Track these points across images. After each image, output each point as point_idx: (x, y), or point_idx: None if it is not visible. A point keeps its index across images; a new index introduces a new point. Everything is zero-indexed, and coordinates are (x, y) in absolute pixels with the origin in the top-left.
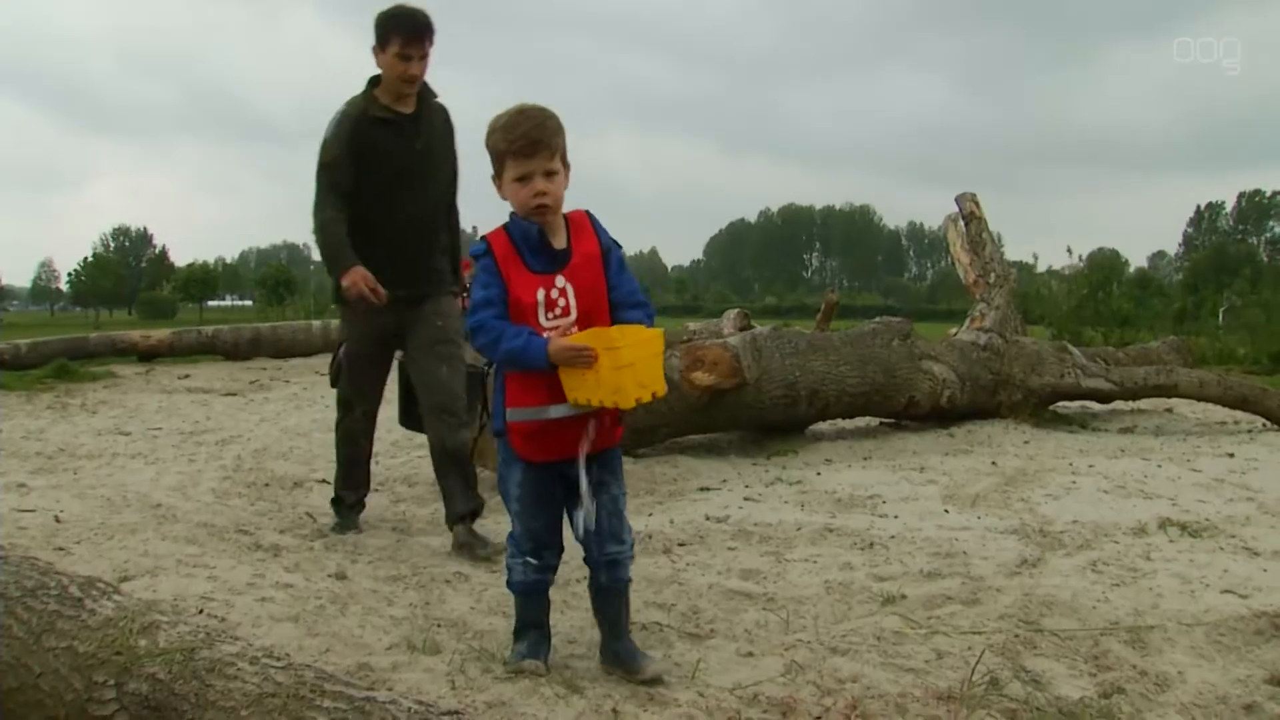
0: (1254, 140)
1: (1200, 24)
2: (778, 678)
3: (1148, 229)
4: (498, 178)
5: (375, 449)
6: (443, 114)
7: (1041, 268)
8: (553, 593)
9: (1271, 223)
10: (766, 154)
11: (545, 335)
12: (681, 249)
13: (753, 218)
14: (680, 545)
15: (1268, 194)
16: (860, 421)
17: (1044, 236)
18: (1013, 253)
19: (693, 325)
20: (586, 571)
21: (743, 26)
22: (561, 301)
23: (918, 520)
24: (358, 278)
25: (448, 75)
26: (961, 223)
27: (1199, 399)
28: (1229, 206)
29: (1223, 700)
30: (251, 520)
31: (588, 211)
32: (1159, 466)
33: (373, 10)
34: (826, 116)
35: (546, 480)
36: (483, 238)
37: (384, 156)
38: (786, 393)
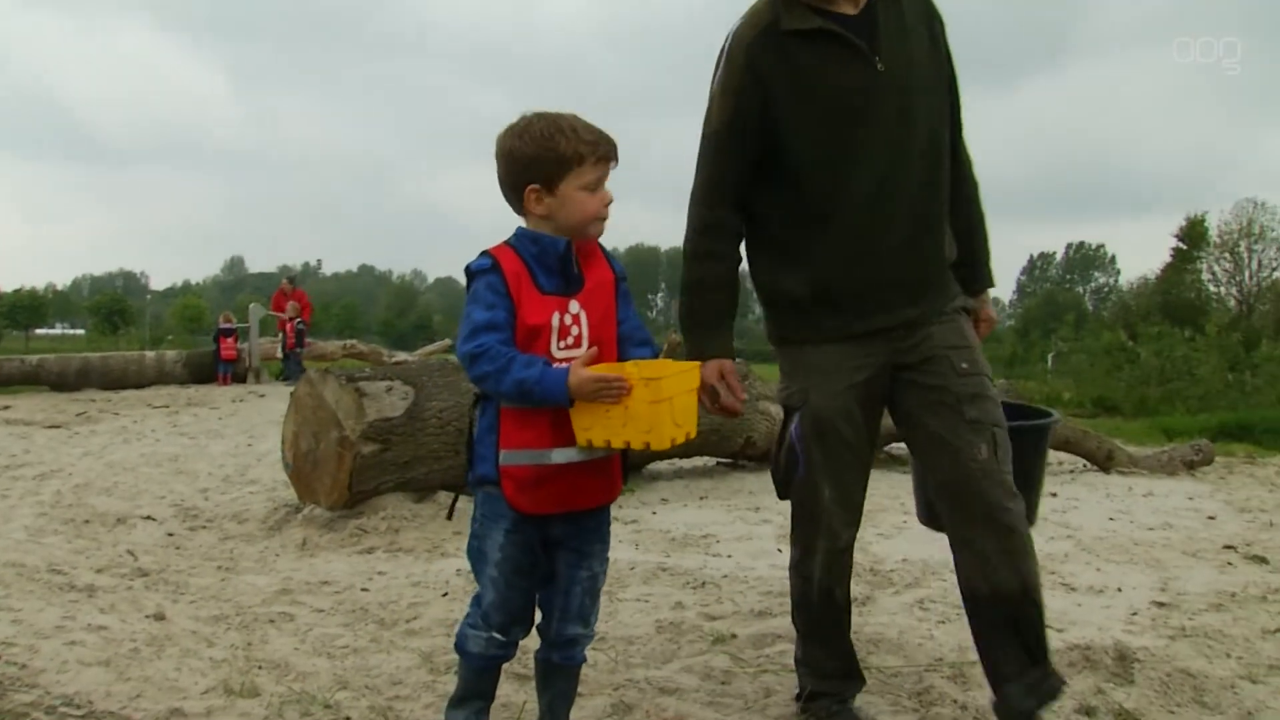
0: (1082, 194)
1: (1045, 76)
2: (605, 717)
3: None
4: (545, 186)
5: (204, 484)
6: (919, 3)
7: None
8: (380, 631)
9: (1096, 273)
10: (614, 193)
11: (558, 366)
12: None
13: None
14: None
15: (1093, 246)
16: (698, 461)
17: None
18: None
19: None
20: (416, 607)
21: (590, 62)
22: (575, 329)
23: (751, 559)
24: (712, 376)
25: (296, 101)
26: None
27: None
28: (1059, 256)
29: None
30: (67, 559)
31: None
32: None
33: (212, 20)
34: (673, 155)
35: (532, 541)
36: (484, 252)
37: (820, 93)
38: None
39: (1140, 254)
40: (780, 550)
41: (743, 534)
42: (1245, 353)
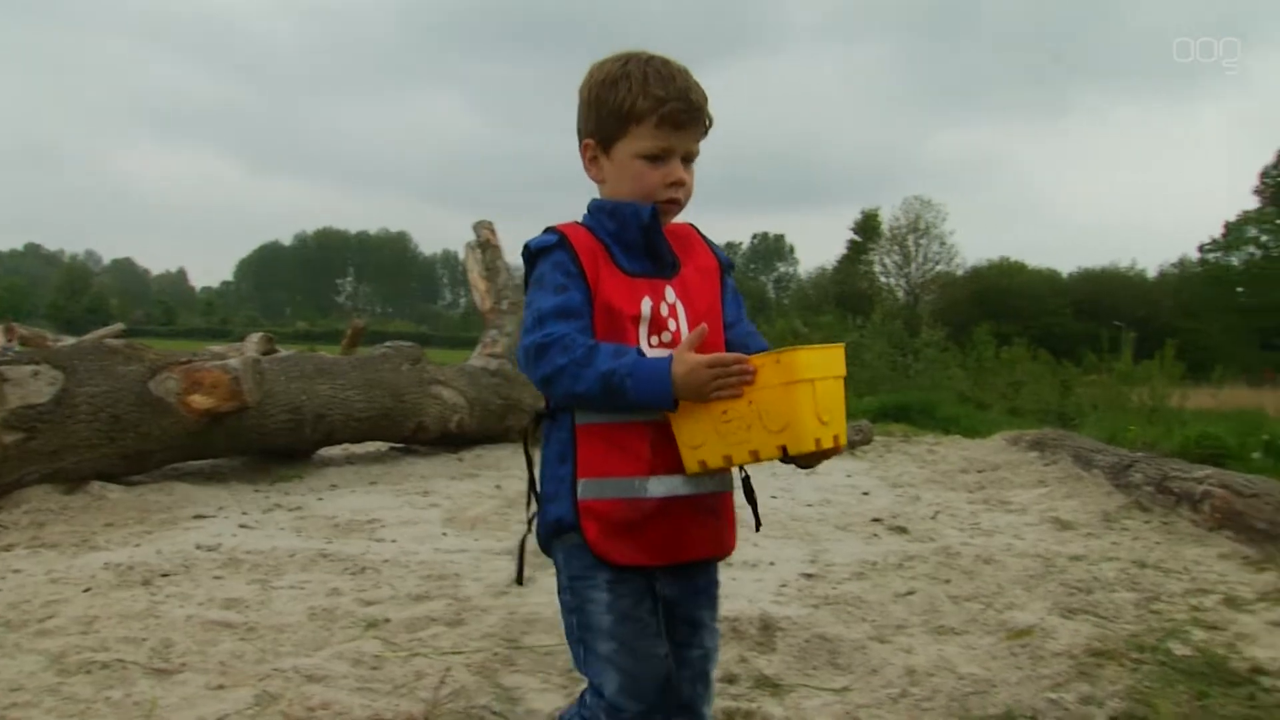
0: (765, 185)
1: (725, 68)
2: (246, 710)
3: None
4: (602, 145)
5: None
6: None
7: None
8: (5, 634)
9: (778, 263)
10: (302, 174)
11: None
12: (211, 270)
13: (287, 240)
14: (163, 576)
15: (775, 236)
16: (371, 446)
17: None
18: None
19: (216, 348)
20: (52, 605)
21: (271, 36)
22: (672, 324)
23: (415, 544)
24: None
25: None
26: (479, 250)
27: None
28: (745, 246)
29: None
30: None
31: (692, 224)
32: None
33: None
34: (363, 137)
35: (644, 590)
36: (550, 228)
37: None
38: (291, 417)
39: (819, 245)
40: (445, 534)
41: (409, 519)
42: (909, 339)
